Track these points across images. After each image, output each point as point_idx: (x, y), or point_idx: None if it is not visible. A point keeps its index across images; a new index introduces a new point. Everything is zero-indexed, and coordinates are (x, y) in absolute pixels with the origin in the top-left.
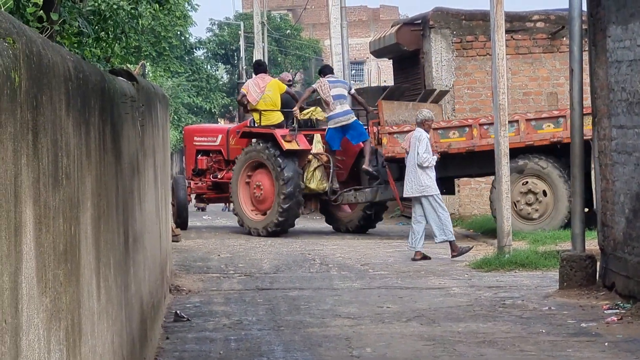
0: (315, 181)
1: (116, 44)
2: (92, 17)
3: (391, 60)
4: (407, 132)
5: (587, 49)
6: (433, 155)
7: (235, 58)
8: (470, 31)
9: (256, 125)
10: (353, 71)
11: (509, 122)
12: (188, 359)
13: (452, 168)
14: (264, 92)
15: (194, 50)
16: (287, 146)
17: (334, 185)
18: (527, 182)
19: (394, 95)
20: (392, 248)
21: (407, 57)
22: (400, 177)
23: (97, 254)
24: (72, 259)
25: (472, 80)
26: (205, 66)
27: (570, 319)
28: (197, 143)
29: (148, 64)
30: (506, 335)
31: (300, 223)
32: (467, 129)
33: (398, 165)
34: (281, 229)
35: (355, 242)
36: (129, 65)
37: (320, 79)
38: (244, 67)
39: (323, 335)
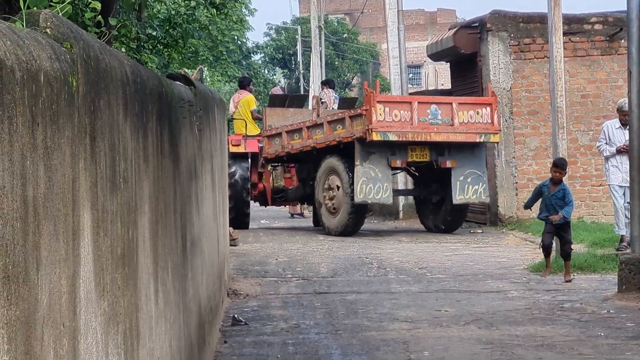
0: (274, 182)
1: (176, 50)
2: (161, 25)
3: (448, 64)
4: (275, 135)
5: None
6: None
7: (293, 62)
8: (527, 34)
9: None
10: (410, 75)
11: (319, 124)
12: None
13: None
14: (237, 107)
15: (252, 54)
16: (232, 149)
17: (279, 184)
18: (327, 179)
19: (283, 103)
20: (450, 252)
21: (464, 60)
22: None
23: (155, 258)
24: (130, 262)
25: (529, 83)
26: (263, 70)
27: (629, 322)
28: None
29: (206, 68)
30: (565, 338)
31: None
32: (302, 131)
33: (305, 167)
34: (235, 225)
35: (413, 246)
36: (186, 70)
37: (326, 89)
38: (302, 72)
39: (381, 339)
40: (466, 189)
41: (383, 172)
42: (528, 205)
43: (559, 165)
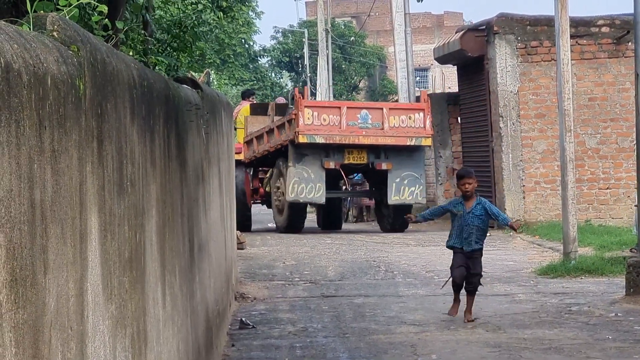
0: (269, 186)
1: (186, 53)
2: (168, 28)
3: (455, 67)
4: (250, 141)
5: None
6: None
7: (300, 65)
8: (534, 37)
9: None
10: (417, 77)
11: (272, 129)
12: None
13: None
14: (236, 116)
15: (258, 58)
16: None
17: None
18: (278, 180)
19: (265, 111)
20: None
21: (471, 63)
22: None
23: (162, 262)
24: (138, 266)
25: (537, 85)
26: (270, 74)
27: (637, 326)
28: None
29: (213, 71)
30: (572, 341)
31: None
32: (264, 136)
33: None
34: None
35: (421, 249)
36: (193, 73)
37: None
38: (309, 75)
39: (388, 342)
40: (402, 191)
41: (316, 173)
42: (423, 218)
43: (465, 175)
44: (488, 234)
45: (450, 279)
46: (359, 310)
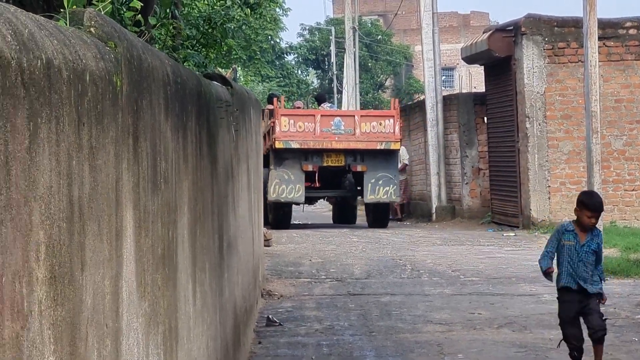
0: None
1: (215, 49)
2: (197, 23)
3: (482, 67)
4: None
5: None
6: None
7: (326, 63)
8: (562, 38)
9: None
10: (444, 77)
11: (264, 135)
12: None
13: None
14: None
15: (285, 55)
16: None
17: None
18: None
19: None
20: (483, 254)
21: (498, 63)
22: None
23: (193, 259)
24: (170, 263)
25: (563, 87)
26: (296, 71)
27: None
28: None
29: (239, 68)
30: None
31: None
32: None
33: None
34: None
35: (446, 249)
36: (220, 69)
37: (322, 105)
38: (335, 73)
39: (415, 341)
40: (377, 190)
41: (296, 175)
42: (547, 266)
43: (600, 210)
44: (513, 234)
45: (567, 339)
46: (385, 309)
